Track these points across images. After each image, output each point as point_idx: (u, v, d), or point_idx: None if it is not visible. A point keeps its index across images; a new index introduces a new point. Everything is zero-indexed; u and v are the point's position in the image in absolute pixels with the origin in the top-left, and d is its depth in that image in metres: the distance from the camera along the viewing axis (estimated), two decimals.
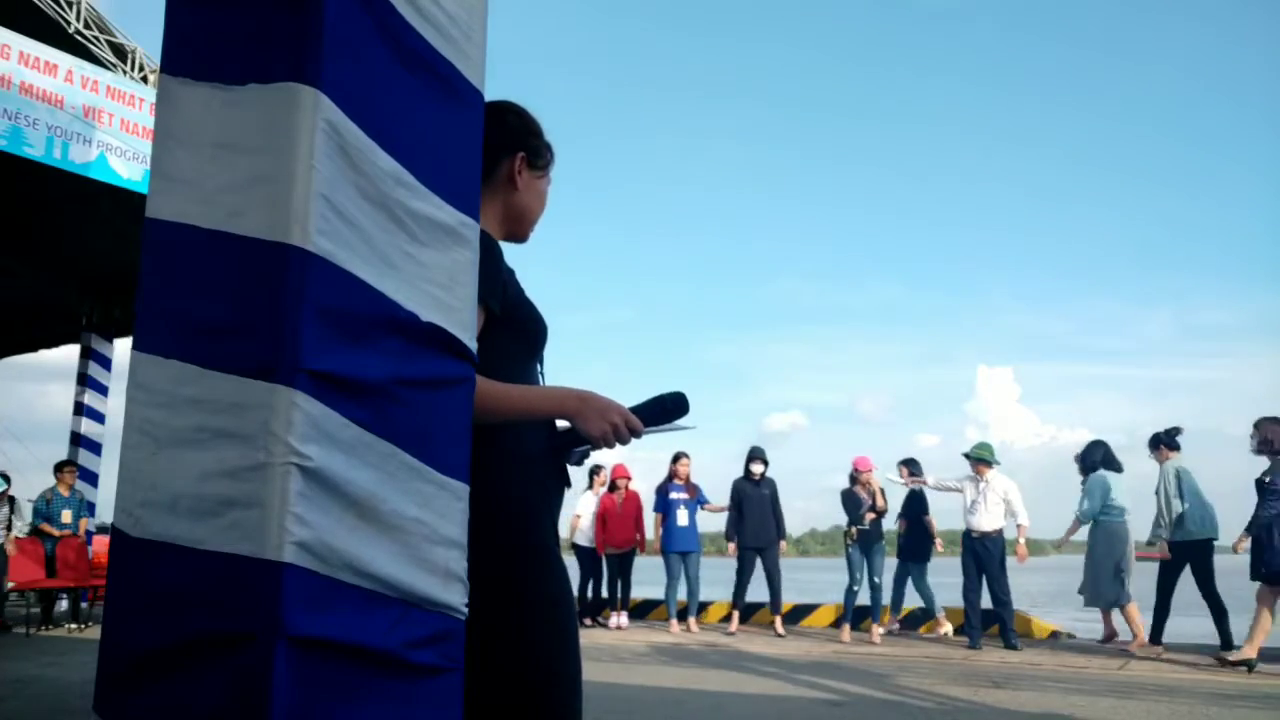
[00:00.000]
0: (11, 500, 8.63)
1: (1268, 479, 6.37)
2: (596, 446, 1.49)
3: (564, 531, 9.56)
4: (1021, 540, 7.90)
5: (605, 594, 9.67)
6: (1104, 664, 6.57)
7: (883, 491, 8.25)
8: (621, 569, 9.53)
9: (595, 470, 9.94)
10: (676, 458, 9.24)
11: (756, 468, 8.76)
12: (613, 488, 9.61)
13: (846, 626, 8.16)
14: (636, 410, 1.50)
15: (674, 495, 9.08)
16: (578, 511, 9.76)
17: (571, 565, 9.80)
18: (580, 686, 1.49)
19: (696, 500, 9.16)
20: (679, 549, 8.97)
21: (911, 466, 8.84)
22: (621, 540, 9.42)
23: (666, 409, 1.51)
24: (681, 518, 9.01)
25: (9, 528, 8.39)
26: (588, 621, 9.41)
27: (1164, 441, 7.22)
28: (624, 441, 1.47)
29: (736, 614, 8.72)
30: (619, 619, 9.29)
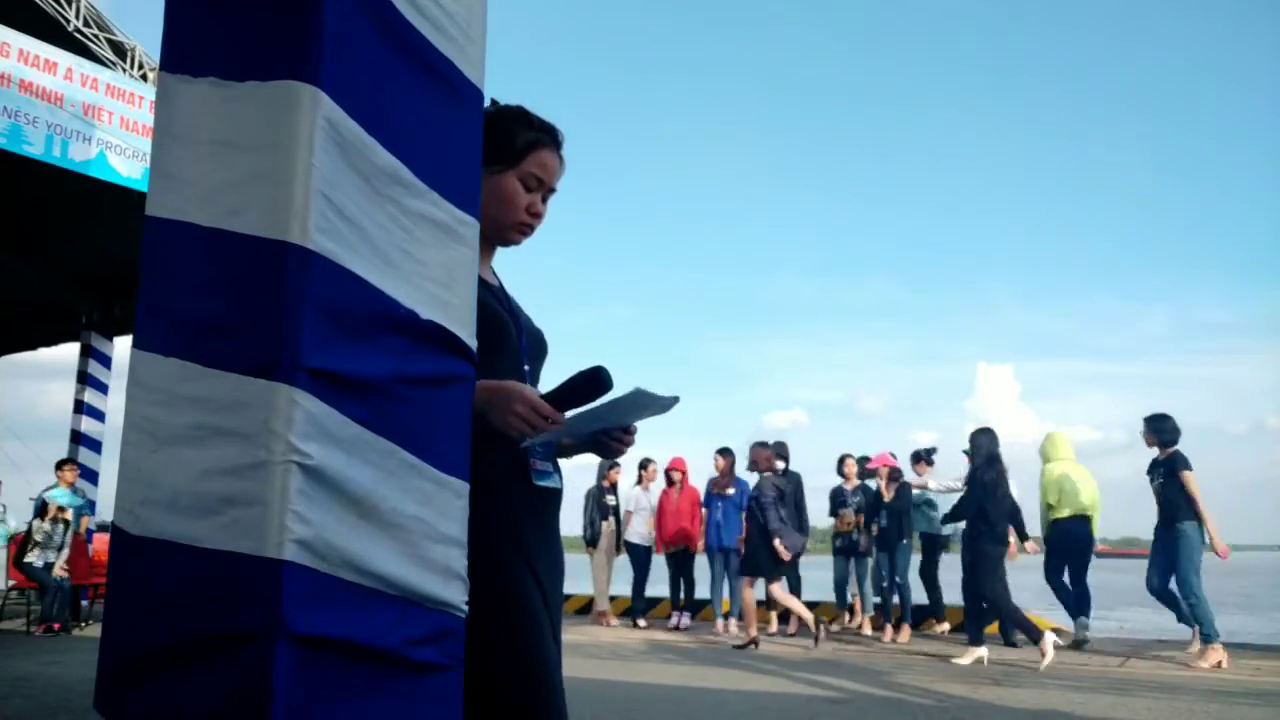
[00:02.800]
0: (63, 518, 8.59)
1: (756, 494, 7.65)
2: (517, 440, 1.41)
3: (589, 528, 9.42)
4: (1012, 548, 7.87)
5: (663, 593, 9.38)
6: (1103, 661, 6.58)
7: (901, 489, 8.22)
8: (681, 567, 9.15)
9: (644, 464, 9.59)
10: (722, 453, 8.96)
11: (778, 464, 8.70)
12: (670, 482, 9.21)
13: (888, 626, 8.10)
14: (549, 396, 1.42)
15: (714, 491, 8.85)
16: (628, 508, 9.51)
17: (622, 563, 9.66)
18: (546, 683, 1.42)
19: (738, 498, 8.82)
20: (719, 546, 8.72)
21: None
22: (676, 537, 9.03)
23: (581, 389, 1.41)
24: (718, 513, 8.76)
25: (60, 549, 8.40)
26: (642, 623, 9.20)
27: (923, 458, 8.60)
28: (540, 428, 1.38)
29: (774, 615, 8.64)
30: (681, 618, 9.05)
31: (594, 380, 1.40)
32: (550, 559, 1.55)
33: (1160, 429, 6.92)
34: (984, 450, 6.83)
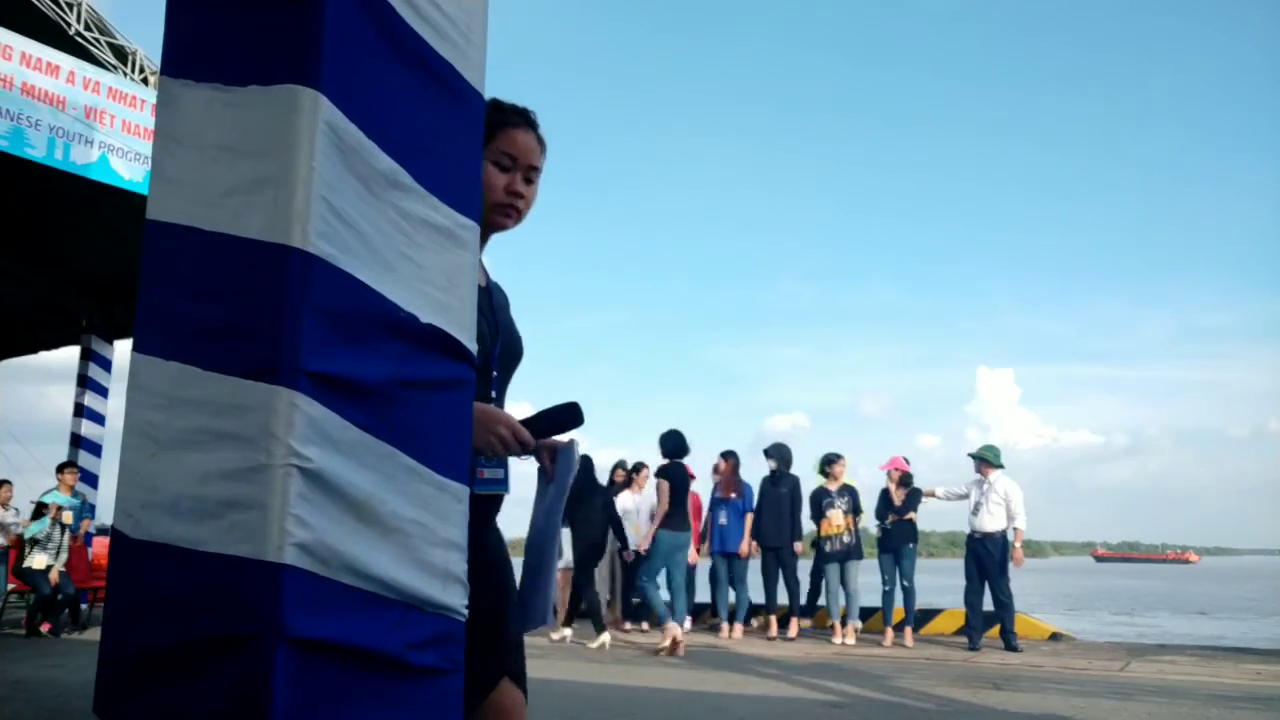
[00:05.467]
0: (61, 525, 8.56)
1: None
2: (487, 456, 1.49)
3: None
4: (1018, 544, 7.84)
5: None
6: (1105, 666, 6.57)
7: (911, 493, 8.19)
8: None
9: (636, 469, 9.55)
10: (725, 456, 8.92)
11: (771, 465, 8.66)
12: None
13: (889, 630, 8.08)
14: (527, 423, 1.53)
15: (718, 495, 8.83)
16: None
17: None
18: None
19: (742, 502, 8.79)
20: (719, 550, 8.71)
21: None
22: None
23: (557, 421, 1.55)
24: (721, 517, 8.71)
25: (58, 552, 8.38)
26: (628, 626, 9.18)
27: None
28: (514, 453, 1.49)
29: (773, 619, 8.62)
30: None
31: (571, 415, 1.55)
32: (479, 562, 1.47)
33: (661, 440, 8.27)
34: (587, 470, 8.22)
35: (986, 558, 7.63)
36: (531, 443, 1.50)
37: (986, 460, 7.90)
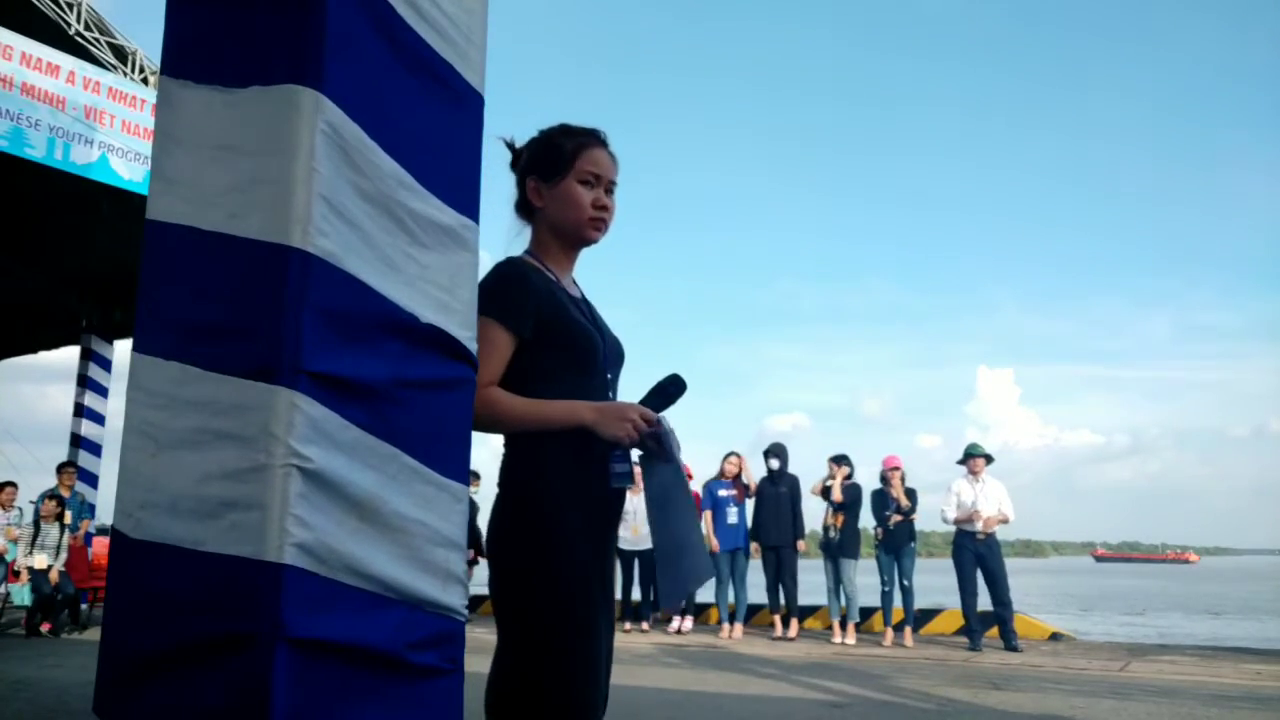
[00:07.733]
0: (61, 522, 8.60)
1: None
2: (624, 447, 1.55)
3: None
4: (994, 518, 7.73)
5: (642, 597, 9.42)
6: (1105, 666, 6.57)
7: (908, 492, 8.18)
8: None
9: None
10: (727, 456, 8.95)
11: (773, 464, 8.66)
12: None
13: (889, 630, 8.07)
14: (643, 403, 1.60)
15: (721, 493, 8.81)
16: None
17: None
18: (594, 672, 1.49)
19: (745, 500, 8.78)
20: (728, 547, 8.68)
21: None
22: None
23: (669, 394, 1.63)
24: (730, 515, 8.68)
25: (57, 552, 8.40)
26: (628, 626, 9.25)
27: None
28: (644, 434, 1.55)
29: (777, 618, 8.62)
30: (681, 622, 9.07)
31: (677, 384, 1.63)
32: (612, 550, 1.69)
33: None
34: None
35: (990, 556, 7.63)
36: (656, 420, 1.56)
37: (988, 457, 7.91)
